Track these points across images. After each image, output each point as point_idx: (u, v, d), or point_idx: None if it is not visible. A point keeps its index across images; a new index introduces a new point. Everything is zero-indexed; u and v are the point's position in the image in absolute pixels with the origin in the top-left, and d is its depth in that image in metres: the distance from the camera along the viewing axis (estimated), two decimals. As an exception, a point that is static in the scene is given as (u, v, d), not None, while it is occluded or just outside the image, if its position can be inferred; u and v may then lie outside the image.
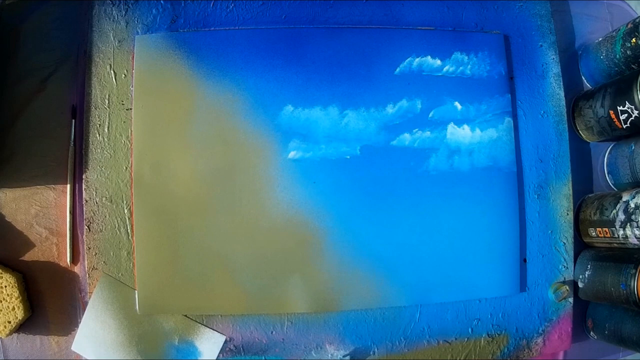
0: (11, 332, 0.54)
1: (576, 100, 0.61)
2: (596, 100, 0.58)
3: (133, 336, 0.54)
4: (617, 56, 0.56)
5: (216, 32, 0.56)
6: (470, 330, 0.57)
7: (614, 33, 0.58)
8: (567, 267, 0.59)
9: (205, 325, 0.55)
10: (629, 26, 0.55)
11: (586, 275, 0.59)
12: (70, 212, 0.55)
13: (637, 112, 0.52)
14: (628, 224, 0.53)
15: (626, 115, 0.53)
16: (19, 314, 0.53)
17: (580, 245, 0.61)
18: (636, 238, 0.52)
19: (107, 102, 0.55)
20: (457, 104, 0.58)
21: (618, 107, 0.54)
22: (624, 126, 0.54)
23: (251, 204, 0.55)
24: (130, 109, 0.55)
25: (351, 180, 0.56)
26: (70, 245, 0.55)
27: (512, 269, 0.57)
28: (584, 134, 0.62)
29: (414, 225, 0.56)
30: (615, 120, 0.55)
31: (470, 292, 0.57)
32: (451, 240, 0.56)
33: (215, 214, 0.54)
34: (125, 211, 0.55)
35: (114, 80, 0.56)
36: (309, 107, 0.56)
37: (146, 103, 0.55)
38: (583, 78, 0.63)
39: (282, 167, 0.55)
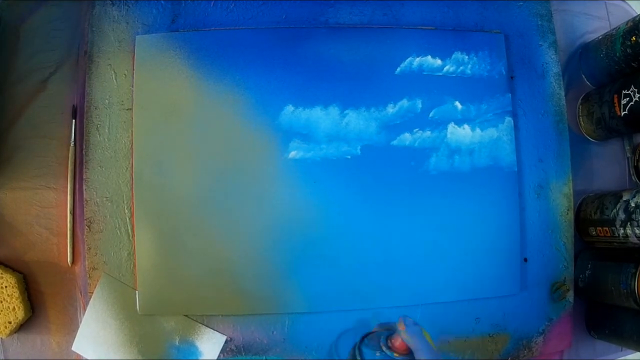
0: (12, 333, 0.54)
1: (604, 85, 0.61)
2: (610, 85, 0.58)
3: (134, 336, 0.54)
4: (617, 54, 0.56)
5: (216, 32, 0.56)
6: (470, 329, 0.57)
7: (614, 31, 0.58)
8: (568, 267, 0.59)
9: (206, 326, 0.55)
10: (628, 24, 0.56)
11: (586, 275, 0.59)
12: (70, 212, 0.55)
13: (639, 95, 0.52)
14: (628, 223, 0.53)
15: (627, 99, 0.53)
16: (20, 314, 0.53)
17: (581, 244, 0.61)
18: (636, 237, 0.52)
19: (107, 102, 0.55)
20: (457, 103, 0.58)
21: (623, 91, 0.54)
22: (622, 113, 0.55)
23: (252, 204, 0.55)
24: (130, 109, 0.55)
25: (352, 180, 0.56)
26: (70, 245, 0.55)
27: (513, 269, 0.57)
28: (582, 120, 0.62)
29: (415, 225, 0.56)
30: (615, 105, 0.55)
31: (471, 292, 0.57)
32: (451, 240, 0.56)
33: (216, 214, 0.54)
34: (126, 211, 0.54)
35: (114, 80, 0.56)
36: (310, 107, 0.56)
37: (146, 103, 0.55)
38: (583, 77, 0.63)
39: (283, 167, 0.55)
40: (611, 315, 0.58)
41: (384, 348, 0.49)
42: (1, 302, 0.53)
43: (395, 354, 0.48)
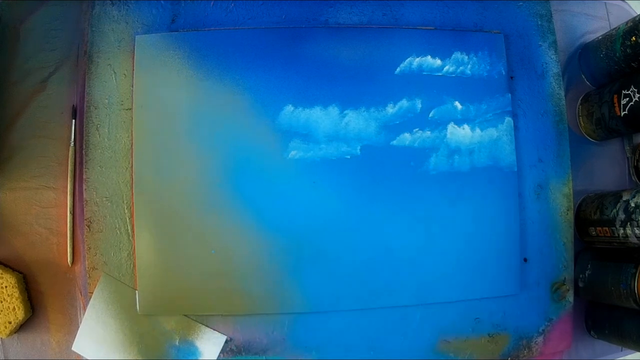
0: (12, 333, 0.54)
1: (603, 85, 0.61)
2: (610, 85, 0.58)
3: (134, 336, 0.54)
4: (617, 54, 0.56)
5: (216, 32, 0.56)
6: (470, 329, 0.57)
7: (614, 32, 0.58)
8: (567, 267, 0.59)
9: (206, 325, 0.55)
10: (628, 24, 0.56)
11: (586, 275, 0.59)
12: (70, 212, 0.55)
13: (638, 95, 0.52)
14: (628, 223, 0.53)
15: (627, 99, 0.53)
16: (20, 314, 0.53)
17: (580, 244, 0.61)
18: (636, 237, 0.52)
19: (107, 102, 0.55)
20: (457, 103, 0.58)
21: (623, 91, 0.54)
22: (622, 113, 0.55)
23: (251, 204, 0.55)
24: (130, 108, 0.55)
25: (351, 180, 0.56)
26: (70, 245, 0.55)
27: (513, 269, 0.57)
28: (582, 121, 0.62)
29: (414, 225, 0.56)
30: (615, 105, 0.55)
31: (471, 292, 0.57)
32: (451, 240, 0.56)
33: (215, 214, 0.54)
34: (126, 211, 0.55)
35: (113, 80, 0.56)
36: (309, 107, 0.56)
37: (146, 103, 0.55)
38: (583, 77, 0.63)
39: (283, 167, 0.55)
40: (611, 315, 0.58)
41: None
42: (1, 302, 0.53)
43: None
